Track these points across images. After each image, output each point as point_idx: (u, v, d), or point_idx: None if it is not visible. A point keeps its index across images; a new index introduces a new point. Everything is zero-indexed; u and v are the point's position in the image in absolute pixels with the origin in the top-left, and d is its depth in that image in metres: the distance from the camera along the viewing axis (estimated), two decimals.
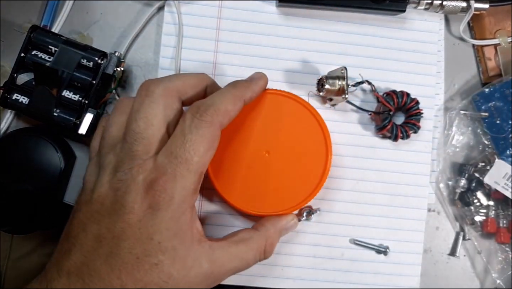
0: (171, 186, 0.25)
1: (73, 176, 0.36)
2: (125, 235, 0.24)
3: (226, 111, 0.27)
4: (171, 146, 0.26)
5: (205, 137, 0.25)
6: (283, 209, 0.32)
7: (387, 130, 0.35)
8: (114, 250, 0.24)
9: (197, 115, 0.26)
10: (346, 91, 0.34)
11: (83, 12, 0.37)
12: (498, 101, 0.37)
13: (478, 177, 0.37)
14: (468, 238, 0.38)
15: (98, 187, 0.26)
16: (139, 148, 0.26)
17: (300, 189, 0.32)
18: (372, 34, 0.38)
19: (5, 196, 0.33)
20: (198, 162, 0.25)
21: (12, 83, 0.33)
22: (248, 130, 0.32)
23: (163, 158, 0.25)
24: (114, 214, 0.25)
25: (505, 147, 0.36)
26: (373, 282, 0.36)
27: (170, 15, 0.37)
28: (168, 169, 0.25)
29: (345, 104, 0.37)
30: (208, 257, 0.27)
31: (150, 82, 0.28)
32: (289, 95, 0.33)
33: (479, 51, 0.39)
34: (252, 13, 0.37)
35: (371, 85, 0.36)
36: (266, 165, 0.32)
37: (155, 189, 0.25)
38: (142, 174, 0.25)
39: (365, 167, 0.37)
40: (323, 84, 0.34)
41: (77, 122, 0.33)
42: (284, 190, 0.32)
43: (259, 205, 0.32)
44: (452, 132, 0.38)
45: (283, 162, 0.32)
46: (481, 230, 0.37)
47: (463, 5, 0.36)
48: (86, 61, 0.34)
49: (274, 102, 0.33)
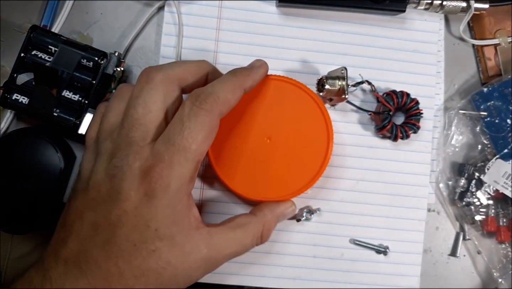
0: (168, 173, 0.25)
1: (73, 176, 0.36)
2: (121, 222, 0.24)
3: (225, 100, 0.26)
4: (169, 133, 0.25)
5: (204, 125, 0.25)
6: (285, 195, 0.33)
7: (387, 130, 0.35)
8: (110, 237, 0.24)
9: (197, 103, 0.25)
10: (346, 91, 0.34)
11: (83, 12, 0.37)
12: (497, 100, 0.37)
13: (478, 176, 0.37)
14: (468, 237, 0.38)
15: (94, 174, 0.26)
16: (136, 134, 0.26)
17: (302, 174, 0.33)
18: (372, 34, 0.38)
19: (5, 196, 0.33)
20: (195, 150, 0.25)
21: (12, 83, 0.33)
22: (250, 116, 0.33)
23: (161, 144, 0.25)
24: (110, 201, 0.25)
25: (504, 146, 0.36)
26: (373, 282, 0.36)
27: (170, 15, 0.37)
28: (165, 156, 0.25)
29: (345, 105, 0.37)
30: (206, 242, 0.27)
31: (150, 69, 0.28)
32: (292, 81, 0.33)
33: (479, 51, 0.39)
34: (252, 13, 0.37)
35: (371, 85, 0.36)
36: (267, 151, 0.33)
37: (151, 176, 0.24)
38: (138, 161, 0.25)
39: (365, 167, 0.37)
40: (323, 84, 0.34)
41: (77, 122, 0.33)
42: (286, 176, 0.33)
43: (260, 190, 0.32)
44: (452, 132, 0.38)
45: (284, 148, 0.33)
46: (481, 229, 0.37)
47: (463, 5, 0.37)
48: (86, 61, 0.34)
49: (276, 88, 0.33)
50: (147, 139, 0.26)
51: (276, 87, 0.33)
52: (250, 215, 0.31)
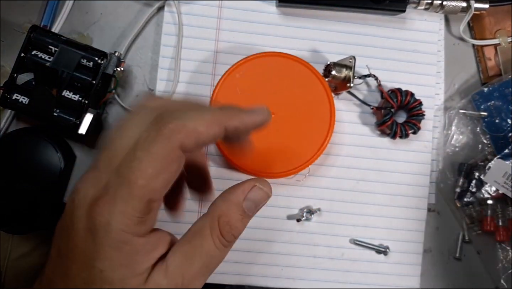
0: (109, 210, 0.21)
1: (73, 176, 0.36)
2: (73, 256, 0.22)
3: (193, 132, 0.21)
4: (121, 161, 0.21)
5: (157, 156, 0.21)
6: (288, 169, 0.33)
7: (386, 126, 0.35)
8: (67, 270, 0.22)
9: (156, 127, 0.21)
10: (351, 80, 0.34)
11: (83, 12, 0.37)
12: (497, 100, 0.37)
13: (478, 176, 0.37)
14: (468, 237, 0.38)
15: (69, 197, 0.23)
16: (101, 157, 0.22)
17: (305, 149, 0.33)
18: (372, 34, 0.38)
19: (5, 195, 0.33)
20: (143, 186, 0.20)
21: (12, 83, 0.33)
22: (254, 91, 0.34)
23: (113, 174, 0.21)
24: (67, 230, 0.22)
25: (504, 146, 0.36)
26: (373, 282, 0.36)
27: (170, 15, 0.37)
28: (110, 189, 0.21)
29: (345, 104, 0.37)
30: (164, 274, 0.23)
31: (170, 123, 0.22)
32: (297, 59, 0.34)
33: (479, 51, 0.39)
34: (252, 13, 0.37)
35: (377, 79, 0.36)
36: (271, 126, 0.33)
37: (94, 209, 0.21)
38: (93, 189, 0.22)
39: (366, 167, 0.37)
40: (330, 70, 0.34)
41: (77, 122, 0.33)
42: (289, 151, 0.33)
43: (264, 165, 0.33)
44: (452, 131, 0.38)
45: (288, 123, 0.33)
46: (481, 229, 0.37)
47: (463, 5, 0.37)
48: (86, 61, 0.34)
49: (281, 65, 0.34)
50: (111, 166, 0.22)
51: (281, 64, 0.34)
52: (204, 214, 0.25)
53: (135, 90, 0.37)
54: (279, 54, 0.34)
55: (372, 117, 0.37)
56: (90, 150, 0.37)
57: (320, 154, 0.33)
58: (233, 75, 0.34)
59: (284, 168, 0.33)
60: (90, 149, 0.37)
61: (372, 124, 0.37)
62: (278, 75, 0.34)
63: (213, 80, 0.36)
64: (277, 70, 0.34)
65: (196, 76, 0.36)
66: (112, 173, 0.21)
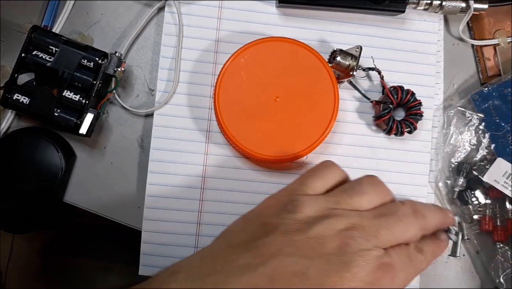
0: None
1: (73, 176, 0.36)
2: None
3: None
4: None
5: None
6: (291, 153, 0.33)
7: (383, 121, 0.35)
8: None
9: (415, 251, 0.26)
10: (355, 69, 0.34)
11: (84, 13, 0.38)
12: (496, 100, 0.37)
13: (476, 175, 0.37)
14: (468, 237, 0.38)
15: (319, 224, 0.24)
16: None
17: (308, 134, 0.34)
18: (372, 35, 0.38)
19: (5, 195, 0.33)
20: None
21: (13, 83, 0.34)
22: (259, 76, 0.34)
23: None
24: (339, 264, 0.23)
25: (504, 146, 0.36)
26: None
27: (170, 15, 0.37)
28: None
29: (344, 104, 0.37)
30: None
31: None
32: (302, 44, 0.34)
33: (478, 51, 0.39)
34: (252, 14, 0.37)
35: (380, 73, 0.36)
36: (275, 110, 0.34)
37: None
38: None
39: (364, 166, 0.37)
40: (335, 56, 0.34)
41: (78, 122, 0.33)
42: (292, 135, 0.33)
43: (267, 148, 0.33)
44: (451, 131, 0.38)
45: (291, 107, 0.34)
46: (479, 228, 0.37)
47: (462, 5, 0.37)
48: (86, 62, 0.34)
49: (287, 51, 0.34)
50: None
51: (285, 49, 0.34)
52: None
53: (136, 91, 0.37)
54: (285, 39, 0.34)
55: (369, 114, 0.37)
56: (90, 150, 0.37)
57: (321, 141, 0.34)
58: (238, 59, 0.34)
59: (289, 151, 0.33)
60: (91, 149, 0.37)
61: (369, 122, 0.37)
62: (283, 60, 0.34)
63: (214, 81, 0.36)
64: (282, 55, 0.34)
65: (196, 76, 0.37)
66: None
